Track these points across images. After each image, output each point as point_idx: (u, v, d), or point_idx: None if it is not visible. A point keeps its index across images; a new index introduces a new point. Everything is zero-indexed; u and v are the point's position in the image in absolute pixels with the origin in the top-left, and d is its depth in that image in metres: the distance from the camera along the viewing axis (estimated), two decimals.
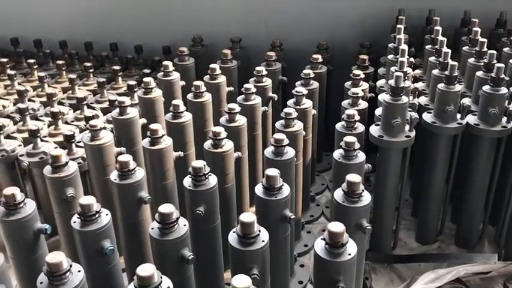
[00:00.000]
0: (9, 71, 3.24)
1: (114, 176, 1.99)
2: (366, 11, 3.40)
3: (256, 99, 2.64)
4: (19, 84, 3.19)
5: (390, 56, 2.82)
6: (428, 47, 2.86)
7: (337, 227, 1.55)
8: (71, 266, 1.49)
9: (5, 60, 3.37)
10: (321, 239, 1.60)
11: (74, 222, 1.74)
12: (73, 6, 3.71)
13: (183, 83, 2.98)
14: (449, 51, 2.53)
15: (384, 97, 2.28)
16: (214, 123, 2.69)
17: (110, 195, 2.17)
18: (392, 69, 2.59)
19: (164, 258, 1.71)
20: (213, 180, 1.96)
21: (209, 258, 2.05)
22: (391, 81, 2.24)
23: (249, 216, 1.62)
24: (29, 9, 3.76)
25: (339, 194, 1.85)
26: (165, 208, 1.68)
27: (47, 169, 2.05)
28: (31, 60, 3.33)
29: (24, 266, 1.86)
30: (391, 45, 2.90)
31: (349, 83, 2.82)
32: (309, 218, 2.84)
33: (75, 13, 3.73)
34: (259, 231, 1.65)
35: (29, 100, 2.99)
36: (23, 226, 1.79)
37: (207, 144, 2.21)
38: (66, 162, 2.05)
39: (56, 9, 3.73)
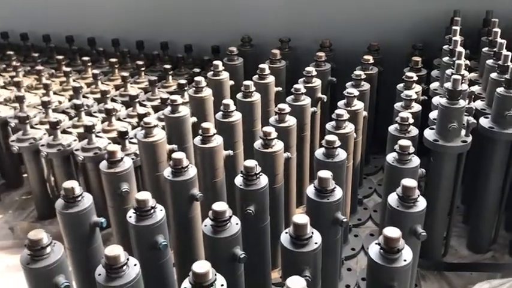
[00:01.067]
0: (64, 68, 3.36)
1: (167, 172, 2.02)
2: (418, 11, 3.32)
3: (306, 100, 2.63)
4: (74, 80, 3.30)
5: (445, 58, 2.74)
6: (485, 49, 2.77)
7: (393, 232, 1.52)
8: (127, 259, 1.53)
9: (61, 57, 3.50)
10: (376, 243, 1.57)
11: (130, 216, 1.78)
12: (126, 5, 3.80)
13: (232, 82, 3.01)
14: (510, 54, 2.43)
15: (440, 100, 2.21)
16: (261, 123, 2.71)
17: (160, 191, 2.22)
18: (448, 71, 2.52)
19: (216, 256, 1.72)
20: (264, 180, 1.96)
21: (257, 257, 2.06)
22: (448, 84, 2.17)
23: (302, 217, 1.61)
24: (84, 8, 3.88)
25: (393, 199, 1.81)
26: (219, 206, 1.70)
27: (103, 164, 2.11)
28: (85, 58, 3.43)
29: (79, 257, 1.92)
30: (445, 47, 2.82)
31: (401, 85, 2.76)
32: (356, 222, 2.80)
33: (128, 12, 3.82)
34: (312, 233, 1.64)
35: (83, 96, 3.08)
36: (80, 219, 1.85)
37: (257, 144, 2.22)
38: (122, 158, 2.11)
39: (109, 8, 3.84)
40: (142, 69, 3.34)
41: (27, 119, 2.66)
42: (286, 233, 1.66)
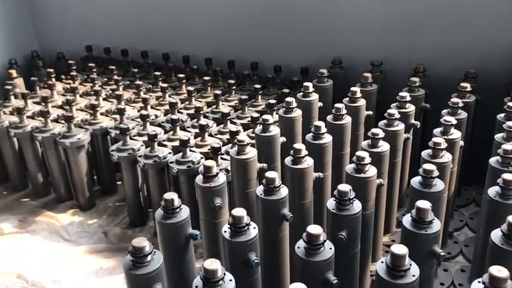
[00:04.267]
0: (161, 84, 3.54)
1: (259, 190, 2.06)
2: None
3: (399, 126, 2.58)
4: (169, 96, 3.48)
5: None
6: None
7: (501, 272, 1.43)
8: (224, 274, 1.56)
9: (158, 73, 3.69)
10: (479, 281, 1.49)
11: (225, 231, 1.83)
12: (218, 26, 3.96)
13: (320, 104, 3.01)
14: None
15: None
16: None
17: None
18: None
19: (307, 280, 1.70)
20: (357, 206, 1.94)
21: (346, 285, 2.02)
22: None
23: (401, 248, 1.57)
24: (180, 28, 4.09)
25: (496, 236, 1.72)
26: (314, 229, 1.69)
27: (199, 178, 2.19)
28: (180, 75, 3.60)
29: (174, 267, 1.99)
30: None
31: (502, 115, 2.63)
32: (446, 255, 2.67)
33: (221, 33, 3.97)
34: (410, 265, 1.59)
35: (178, 112, 3.23)
36: (177, 230, 1.93)
37: (350, 168, 2.20)
38: (217, 173, 2.18)
39: (203, 28, 4.01)
40: (233, 88, 3.44)
41: (127, 131, 2.83)
42: (382, 262, 1.62)
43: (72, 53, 4.38)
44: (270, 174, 2.03)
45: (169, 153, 2.78)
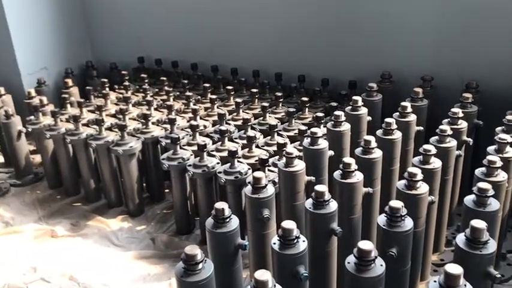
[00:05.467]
0: (210, 95, 3.62)
1: (308, 204, 2.06)
2: None
3: (451, 142, 2.52)
4: (218, 107, 3.54)
5: None
6: None
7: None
8: (274, 286, 1.57)
9: (207, 85, 3.77)
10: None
11: (274, 243, 1.84)
12: (266, 39, 4.01)
13: (369, 118, 3.00)
14: None
15: None
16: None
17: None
18: None
19: None
20: (408, 223, 1.91)
21: None
22: None
23: (456, 268, 1.54)
24: (228, 41, 4.17)
25: None
26: (366, 245, 1.68)
27: (248, 189, 2.22)
28: (229, 87, 3.67)
29: (222, 277, 2.01)
30: None
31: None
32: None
33: (268, 46, 4.02)
34: (465, 285, 1.55)
35: (226, 123, 3.28)
36: (227, 239, 1.96)
37: (401, 184, 2.17)
38: (266, 185, 2.20)
39: (251, 42, 4.08)
40: (280, 100, 3.47)
41: (178, 140, 2.90)
42: (435, 281, 1.59)
43: (124, 63, 4.54)
44: (319, 187, 2.03)
45: (218, 163, 2.83)
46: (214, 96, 3.54)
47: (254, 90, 3.59)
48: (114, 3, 4.62)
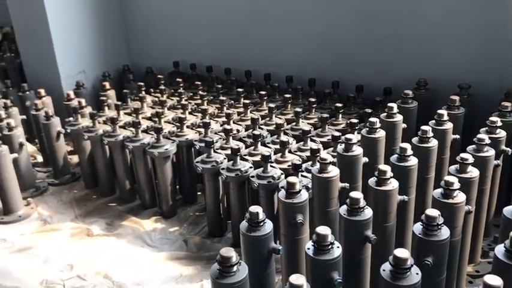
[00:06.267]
0: (243, 100, 3.65)
1: (343, 210, 2.06)
2: None
3: (489, 151, 2.48)
4: (251, 112, 3.57)
5: None
6: None
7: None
8: None
9: (240, 90, 3.81)
10: None
11: (308, 248, 1.85)
12: (300, 45, 4.03)
13: (404, 125, 2.97)
14: None
15: None
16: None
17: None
18: None
19: None
20: (445, 232, 1.89)
21: None
22: None
23: (496, 279, 1.51)
24: (261, 47, 4.21)
25: None
26: (402, 253, 1.67)
27: (282, 193, 2.23)
28: (262, 92, 3.69)
29: (255, 280, 2.02)
30: None
31: None
32: None
33: (301, 52, 4.04)
34: None
35: (258, 127, 3.30)
36: (261, 243, 1.98)
37: (437, 193, 2.14)
38: (300, 190, 2.21)
39: (285, 48, 4.10)
40: (314, 106, 3.47)
41: (212, 144, 2.94)
42: None
43: (159, 68, 4.64)
44: (354, 194, 2.03)
45: (251, 167, 2.85)
46: (247, 101, 3.57)
47: (287, 95, 3.61)
48: (151, 9, 4.72)
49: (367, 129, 2.74)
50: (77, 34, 4.54)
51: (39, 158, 4.19)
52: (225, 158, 2.97)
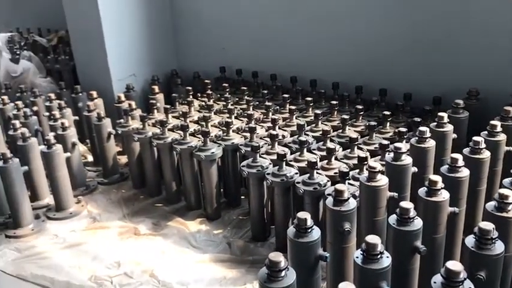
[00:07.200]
0: (289, 106, 3.66)
1: (392, 220, 2.04)
2: None
3: None
4: (296, 118, 3.58)
5: None
6: None
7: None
8: None
9: (286, 96, 3.83)
10: None
11: (357, 257, 1.84)
12: (345, 52, 4.02)
13: (455, 135, 2.90)
14: None
15: None
16: None
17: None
18: None
19: None
20: (499, 246, 1.84)
21: None
22: None
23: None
24: (308, 53, 4.22)
25: None
26: (455, 265, 1.64)
27: (329, 201, 2.23)
28: (308, 98, 3.70)
29: (301, 287, 2.03)
30: None
31: None
32: None
33: (348, 58, 4.02)
34: None
35: (304, 134, 3.31)
36: (308, 249, 1.98)
37: (490, 206, 2.08)
38: (348, 198, 2.20)
39: (331, 54, 4.10)
40: (361, 113, 3.45)
41: (258, 149, 2.97)
42: None
43: (206, 73, 4.73)
44: (405, 204, 2.00)
45: (296, 173, 2.86)
46: (293, 107, 3.58)
47: (334, 102, 3.60)
48: (200, 16, 4.82)
49: (417, 138, 2.70)
50: (128, 39, 4.69)
51: (90, 158, 4.34)
52: (270, 163, 2.99)
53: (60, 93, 4.68)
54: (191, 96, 4.05)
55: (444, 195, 2.19)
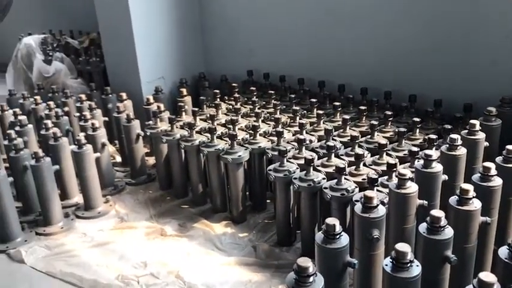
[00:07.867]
0: (316, 111, 3.65)
1: (422, 228, 2.01)
2: None
3: None
4: (324, 123, 3.56)
5: None
6: None
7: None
8: None
9: (314, 100, 3.82)
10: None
11: (386, 265, 1.82)
12: (376, 56, 3.99)
13: (486, 143, 2.85)
14: None
15: None
16: None
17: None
18: None
19: None
20: None
21: None
22: None
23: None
24: (335, 57, 4.21)
25: None
26: (487, 277, 1.60)
27: (358, 207, 2.21)
28: (336, 103, 3.68)
29: None
30: None
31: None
32: None
33: (377, 63, 3.99)
34: None
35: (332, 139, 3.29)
36: (336, 256, 1.97)
37: None
38: (377, 205, 2.17)
39: (359, 59, 4.07)
40: (390, 119, 3.41)
41: (285, 153, 2.96)
42: None
43: (234, 76, 4.75)
44: (436, 212, 1.97)
45: (323, 178, 2.84)
46: (320, 112, 3.57)
47: (362, 107, 3.57)
48: (228, 20, 4.85)
49: (448, 145, 2.66)
50: (158, 42, 4.75)
51: (118, 158, 4.41)
52: (297, 168, 2.98)
53: (90, 94, 4.78)
54: (218, 99, 4.08)
55: (476, 205, 2.15)
